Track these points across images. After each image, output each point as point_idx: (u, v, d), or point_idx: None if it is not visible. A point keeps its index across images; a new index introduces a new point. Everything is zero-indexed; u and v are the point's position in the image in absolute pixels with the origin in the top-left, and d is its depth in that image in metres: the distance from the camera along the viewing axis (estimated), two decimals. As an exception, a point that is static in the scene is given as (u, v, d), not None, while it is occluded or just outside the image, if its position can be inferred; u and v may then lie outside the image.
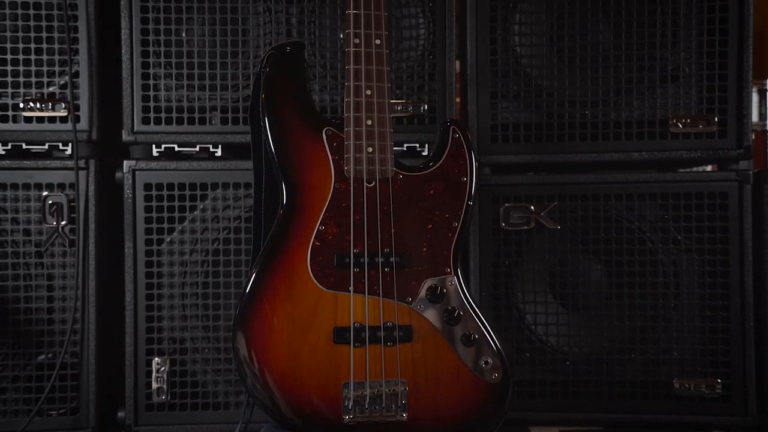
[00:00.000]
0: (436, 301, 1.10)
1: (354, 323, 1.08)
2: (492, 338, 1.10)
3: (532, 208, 1.43)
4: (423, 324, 1.10)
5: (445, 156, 1.10)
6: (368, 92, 1.05)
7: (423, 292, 1.10)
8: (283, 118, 1.07)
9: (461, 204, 1.10)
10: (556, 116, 1.44)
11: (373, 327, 1.08)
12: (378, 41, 1.06)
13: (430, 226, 1.10)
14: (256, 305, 1.08)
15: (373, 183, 1.08)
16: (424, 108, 1.42)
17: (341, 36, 1.42)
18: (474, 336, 1.09)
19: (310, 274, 1.06)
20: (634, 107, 1.44)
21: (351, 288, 1.07)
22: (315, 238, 1.07)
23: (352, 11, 1.06)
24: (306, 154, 1.06)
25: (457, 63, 1.50)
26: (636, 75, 1.42)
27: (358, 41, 1.06)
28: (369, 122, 1.06)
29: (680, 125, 1.41)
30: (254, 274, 1.06)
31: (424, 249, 1.09)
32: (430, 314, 1.10)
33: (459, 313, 1.10)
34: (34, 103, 1.38)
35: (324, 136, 1.06)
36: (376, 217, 1.06)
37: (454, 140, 1.11)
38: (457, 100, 1.51)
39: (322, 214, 1.06)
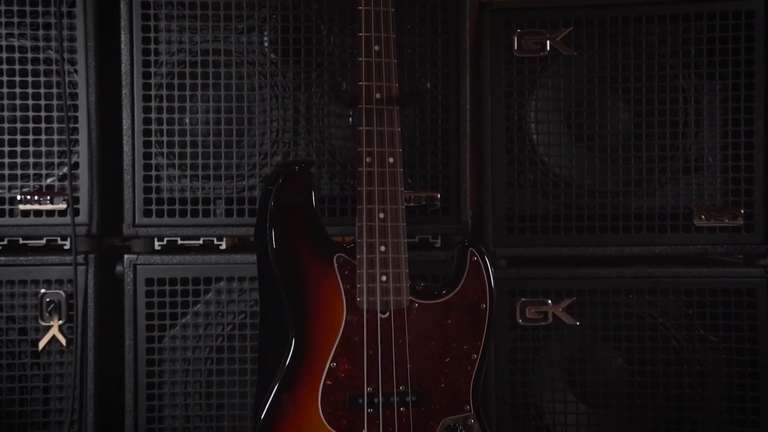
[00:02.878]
0: (456, 442, 1.02)
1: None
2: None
3: (550, 302, 1.36)
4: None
5: (462, 281, 1.04)
6: (381, 215, 0.99)
7: (441, 433, 1.02)
8: (291, 245, 1.01)
9: (480, 334, 1.03)
10: (574, 207, 1.38)
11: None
12: (391, 159, 1.01)
13: (447, 360, 1.03)
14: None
15: (387, 314, 1.01)
16: (437, 199, 1.37)
17: (350, 121, 1.37)
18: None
19: (322, 417, 0.99)
20: (656, 198, 1.38)
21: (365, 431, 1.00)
22: (326, 376, 1.00)
23: (364, 128, 1.00)
24: (316, 283, 1.00)
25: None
26: (657, 165, 1.37)
27: (370, 160, 1.01)
28: (382, 248, 0.99)
29: (704, 218, 1.35)
30: (261, 420, 0.99)
31: (442, 385, 1.03)
32: (449, 457, 1.02)
33: (480, 455, 1.02)
34: (32, 197, 1.33)
35: (335, 264, 1.00)
36: (390, 352, 1.00)
37: (472, 264, 1.04)
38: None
39: (334, 349, 0.99)
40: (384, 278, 1.00)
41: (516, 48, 1.38)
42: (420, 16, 1.37)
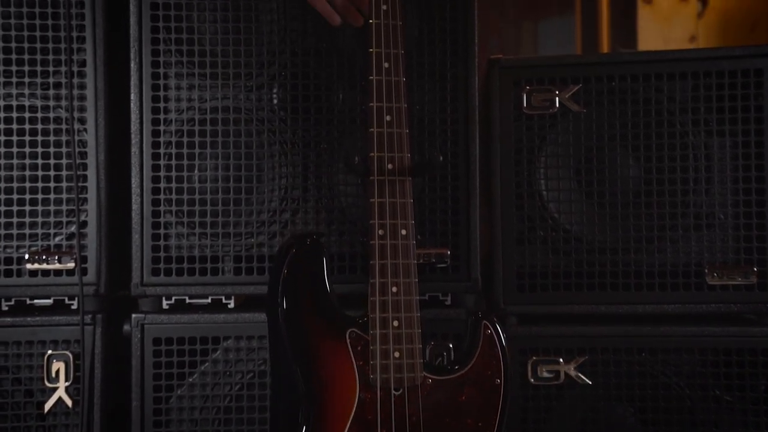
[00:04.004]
0: None
1: None
2: None
3: (562, 361, 1.35)
4: None
5: (476, 356, 1.03)
6: (394, 289, 0.98)
7: None
8: (303, 321, 1.00)
9: (495, 410, 1.02)
10: (585, 263, 1.37)
11: None
12: (404, 231, 1.00)
13: (462, 437, 1.01)
14: None
15: (401, 390, 1.00)
16: (447, 256, 1.36)
17: (359, 181, 1.36)
18: None
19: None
20: (667, 255, 1.37)
21: None
22: (341, 456, 0.98)
23: (376, 200, 1.00)
24: (328, 361, 0.98)
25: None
26: (668, 221, 1.36)
27: (382, 233, 1.00)
28: (396, 323, 0.98)
29: (716, 276, 1.34)
30: None
31: (458, 463, 1.01)
32: None
33: None
34: (40, 256, 1.32)
35: (348, 340, 0.99)
36: (404, 430, 0.98)
37: (486, 337, 1.03)
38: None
39: (347, 429, 0.98)
40: (397, 354, 0.98)
41: (525, 105, 1.38)
42: (429, 73, 1.38)
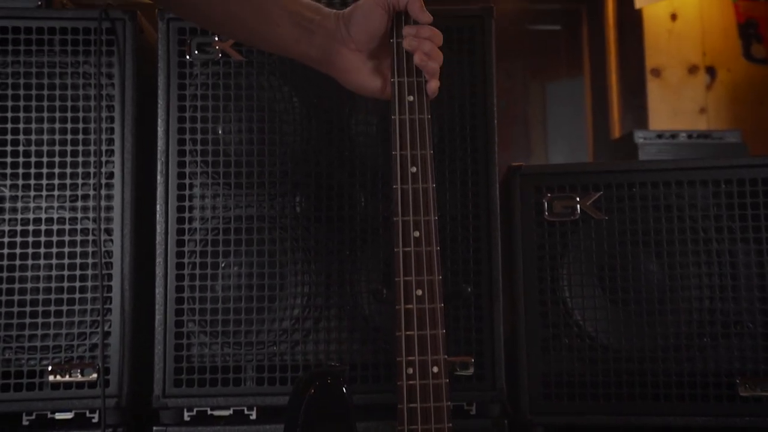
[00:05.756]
0: None
1: None
2: None
3: (592, 475, 1.31)
4: None
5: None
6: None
7: None
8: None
9: None
10: (612, 372, 1.35)
11: None
12: (435, 369, 0.95)
13: None
14: None
15: None
16: (471, 364, 1.34)
17: (385, 293, 1.36)
18: None
19: None
20: (696, 364, 1.34)
21: None
22: None
23: (403, 333, 0.95)
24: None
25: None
26: (696, 329, 1.34)
27: (411, 371, 0.94)
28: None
29: (748, 387, 1.31)
30: None
31: None
32: None
33: None
34: (63, 368, 1.32)
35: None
36: None
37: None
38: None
39: None
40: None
41: (547, 213, 1.39)
42: (450, 181, 1.39)
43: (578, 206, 1.38)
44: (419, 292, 0.98)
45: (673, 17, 3.56)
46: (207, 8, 1.12)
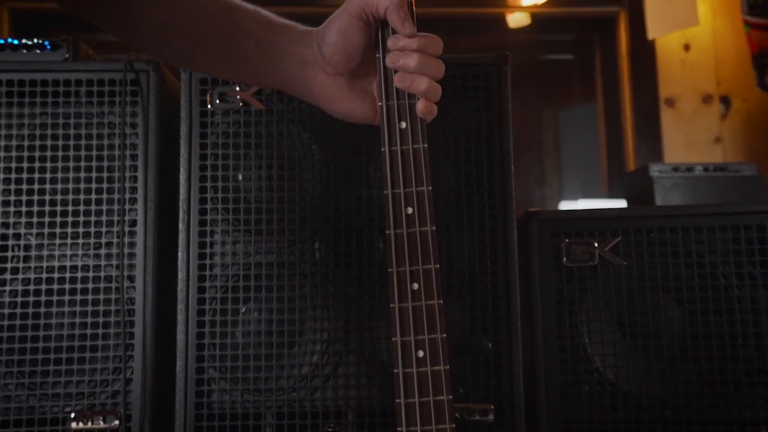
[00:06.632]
0: None
1: None
2: None
3: None
4: None
5: None
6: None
7: None
8: None
9: None
10: (634, 420, 1.34)
11: None
12: None
13: None
14: None
15: None
16: (490, 411, 1.34)
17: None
18: None
19: None
20: (720, 412, 1.33)
21: None
22: None
23: (402, 401, 0.86)
24: None
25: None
26: (718, 377, 1.33)
27: None
28: None
29: (774, 436, 1.29)
30: None
31: None
32: None
33: None
34: (85, 416, 1.33)
35: None
36: None
37: None
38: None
39: None
40: None
41: (565, 258, 1.39)
42: (468, 226, 1.40)
43: (597, 252, 1.38)
44: (420, 354, 0.88)
45: (686, 47, 3.57)
46: (167, 47, 1.01)
